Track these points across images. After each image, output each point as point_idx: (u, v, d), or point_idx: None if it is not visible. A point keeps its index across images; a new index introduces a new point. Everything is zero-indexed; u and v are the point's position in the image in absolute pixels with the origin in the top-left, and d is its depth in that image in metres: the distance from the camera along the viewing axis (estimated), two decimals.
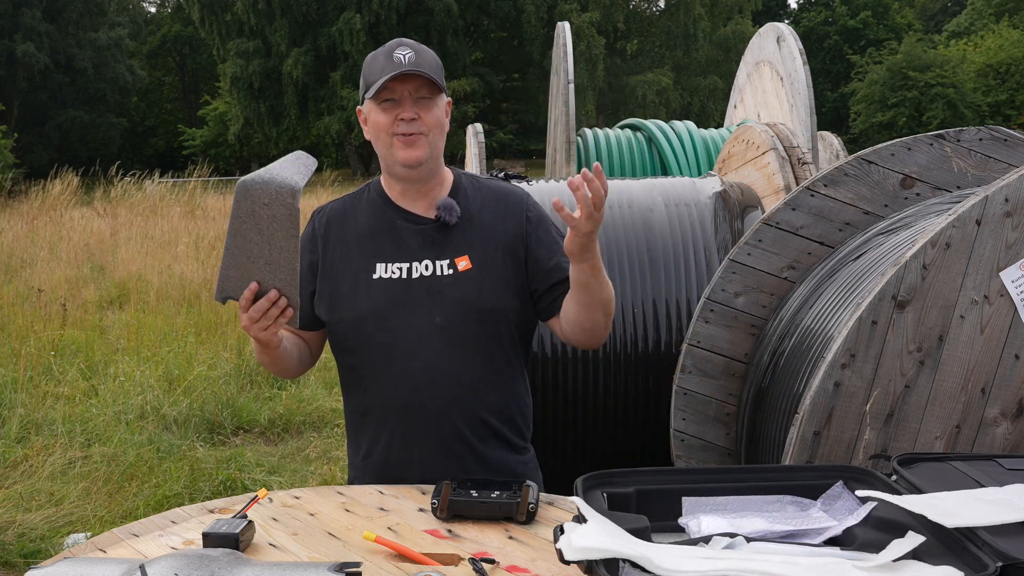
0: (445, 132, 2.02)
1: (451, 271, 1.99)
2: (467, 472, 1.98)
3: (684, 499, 1.55)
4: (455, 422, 1.99)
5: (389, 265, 2.00)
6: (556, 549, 1.34)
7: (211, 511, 1.84)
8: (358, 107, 2.05)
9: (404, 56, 1.92)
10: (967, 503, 1.40)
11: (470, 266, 1.99)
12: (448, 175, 2.09)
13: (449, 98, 2.03)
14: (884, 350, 2.00)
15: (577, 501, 1.44)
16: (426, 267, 1.99)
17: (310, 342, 2.14)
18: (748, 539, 1.40)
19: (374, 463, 2.06)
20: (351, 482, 2.13)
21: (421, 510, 1.82)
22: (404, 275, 1.99)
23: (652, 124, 5.76)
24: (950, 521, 1.33)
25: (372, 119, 1.99)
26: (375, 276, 2.00)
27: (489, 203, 2.06)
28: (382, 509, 1.84)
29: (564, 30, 5.91)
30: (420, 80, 1.94)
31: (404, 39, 1.96)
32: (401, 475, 2.01)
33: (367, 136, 2.03)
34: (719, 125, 6.35)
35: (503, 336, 2.01)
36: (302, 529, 1.74)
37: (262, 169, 1.73)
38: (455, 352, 1.96)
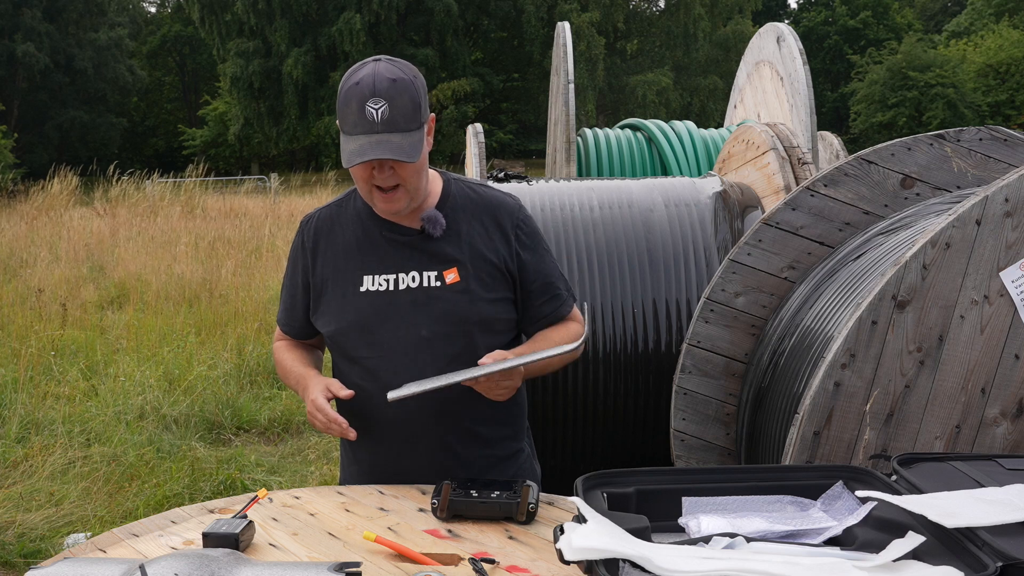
0: (426, 163, 1.94)
1: (439, 283, 1.97)
2: None
3: (684, 499, 1.55)
4: (441, 434, 2.00)
5: (376, 277, 1.99)
6: (556, 549, 1.34)
7: (211, 511, 1.84)
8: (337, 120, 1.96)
9: (377, 112, 1.81)
10: (967, 503, 1.40)
11: (458, 279, 1.97)
12: (437, 184, 2.05)
13: (433, 114, 1.96)
14: (884, 350, 2.00)
15: (577, 501, 1.44)
16: (412, 279, 1.97)
17: (319, 345, 2.19)
18: (748, 539, 1.40)
19: (363, 471, 2.07)
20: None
21: (421, 510, 1.82)
22: (391, 287, 1.98)
23: (652, 124, 5.75)
24: (950, 521, 1.33)
25: (349, 167, 1.89)
26: (362, 288, 1.99)
27: (479, 214, 2.03)
28: (382, 509, 1.84)
29: (564, 30, 5.90)
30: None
31: (379, 80, 1.82)
32: (390, 483, 2.00)
33: None
34: (719, 125, 6.35)
35: (491, 346, 1.99)
36: (302, 529, 1.74)
37: None
38: (441, 364, 1.95)
